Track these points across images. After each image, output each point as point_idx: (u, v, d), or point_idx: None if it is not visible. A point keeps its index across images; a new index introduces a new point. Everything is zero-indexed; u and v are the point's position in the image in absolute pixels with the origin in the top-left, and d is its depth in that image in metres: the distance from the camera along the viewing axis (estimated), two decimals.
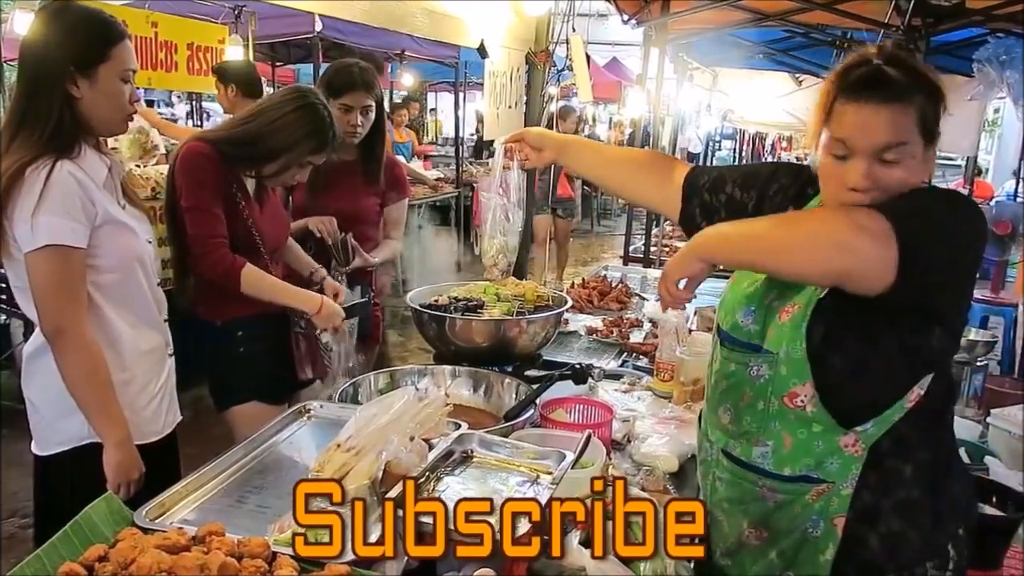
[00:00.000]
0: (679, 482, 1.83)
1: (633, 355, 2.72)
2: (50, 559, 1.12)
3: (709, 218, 1.60)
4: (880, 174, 1.25)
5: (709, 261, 1.32)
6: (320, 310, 2.19)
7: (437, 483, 1.39)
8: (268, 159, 2.18)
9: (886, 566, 1.33)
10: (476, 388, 2.03)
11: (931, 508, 1.34)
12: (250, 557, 1.11)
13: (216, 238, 2.13)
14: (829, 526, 1.33)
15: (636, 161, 1.82)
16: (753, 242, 1.29)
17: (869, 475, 1.32)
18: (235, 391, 2.30)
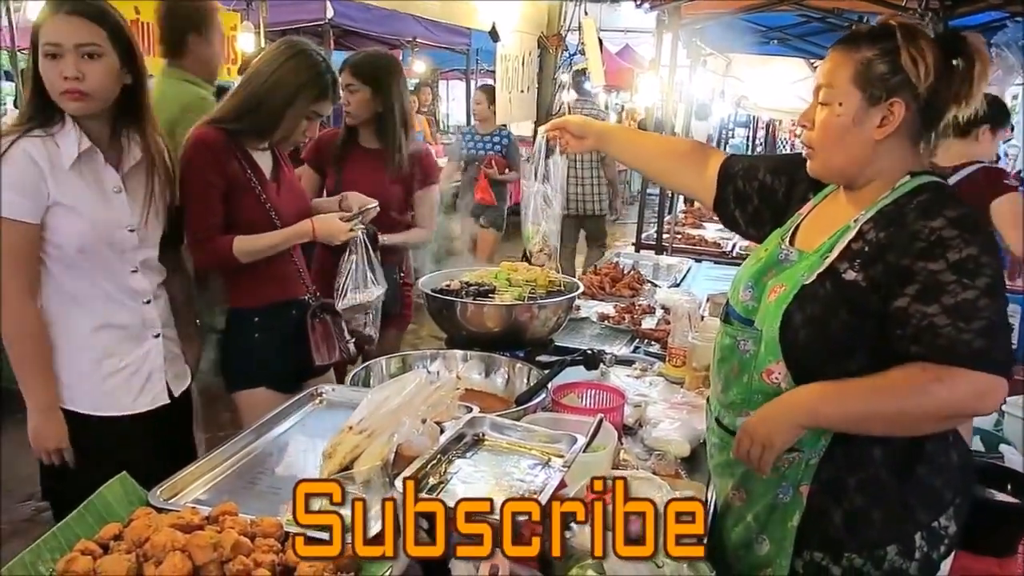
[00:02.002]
0: (691, 467, 1.83)
1: (645, 341, 2.71)
2: (66, 537, 1.14)
3: (742, 205, 1.66)
4: (815, 112, 1.38)
5: (811, 428, 1.35)
6: (314, 231, 2.21)
7: (448, 466, 1.39)
8: (274, 120, 2.17)
9: (847, 542, 1.37)
10: (488, 373, 2.03)
11: (898, 493, 1.36)
12: (263, 536, 1.11)
13: (206, 231, 2.14)
14: (796, 493, 1.39)
15: (674, 150, 1.85)
16: (866, 423, 1.33)
17: (837, 450, 1.36)
18: (245, 376, 2.31)
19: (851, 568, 1.37)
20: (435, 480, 1.32)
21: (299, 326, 2.31)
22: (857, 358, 1.32)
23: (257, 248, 2.18)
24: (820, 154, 1.41)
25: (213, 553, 1.02)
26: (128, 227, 1.85)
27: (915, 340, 1.25)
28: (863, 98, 1.32)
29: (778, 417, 1.35)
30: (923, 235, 1.26)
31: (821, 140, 1.38)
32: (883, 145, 1.34)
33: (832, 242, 1.38)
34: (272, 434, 1.60)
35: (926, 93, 1.30)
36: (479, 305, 2.12)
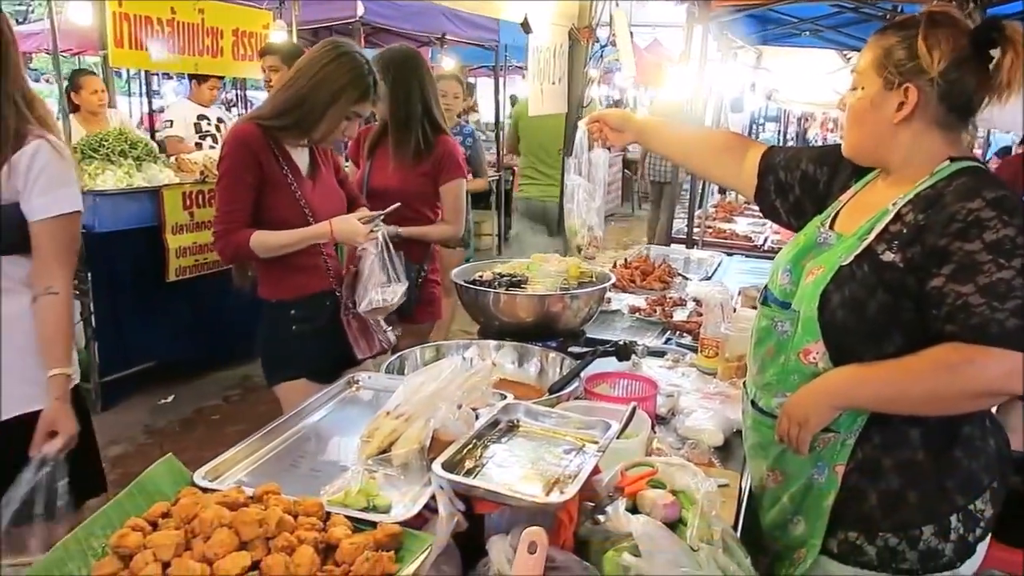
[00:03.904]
0: (724, 456, 1.83)
1: (676, 333, 2.71)
2: (117, 515, 1.17)
3: (783, 195, 1.68)
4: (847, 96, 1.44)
5: (846, 410, 1.38)
6: (333, 232, 2.23)
7: (484, 450, 1.41)
8: (315, 119, 2.21)
9: (882, 522, 1.38)
10: (521, 362, 2.04)
11: (935, 474, 1.37)
12: (305, 515, 1.14)
13: (228, 223, 2.19)
14: (832, 473, 1.41)
15: (714, 142, 1.87)
16: (897, 403, 1.34)
17: (873, 431, 1.38)
18: (285, 368, 2.36)
19: (886, 547, 1.38)
20: (471, 464, 1.34)
21: (334, 318, 2.35)
22: (894, 339, 1.33)
23: (273, 244, 2.22)
24: (846, 136, 1.47)
25: (259, 529, 1.05)
26: None
27: (949, 319, 1.25)
28: (881, 83, 1.36)
29: (813, 399, 1.38)
30: (960, 216, 1.26)
31: (847, 122, 1.45)
32: (903, 129, 1.37)
33: (870, 225, 1.39)
34: (310, 420, 1.63)
35: (942, 80, 1.32)
36: (512, 295, 2.13)
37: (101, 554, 1.11)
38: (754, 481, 1.61)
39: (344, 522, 1.15)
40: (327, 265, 2.38)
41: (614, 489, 1.40)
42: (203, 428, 4.10)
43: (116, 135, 4.28)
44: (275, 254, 2.23)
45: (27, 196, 1.80)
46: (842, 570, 1.42)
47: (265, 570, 1.01)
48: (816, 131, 14.54)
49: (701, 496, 1.33)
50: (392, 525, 1.13)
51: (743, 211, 5.98)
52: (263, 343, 2.39)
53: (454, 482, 1.24)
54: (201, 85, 5.47)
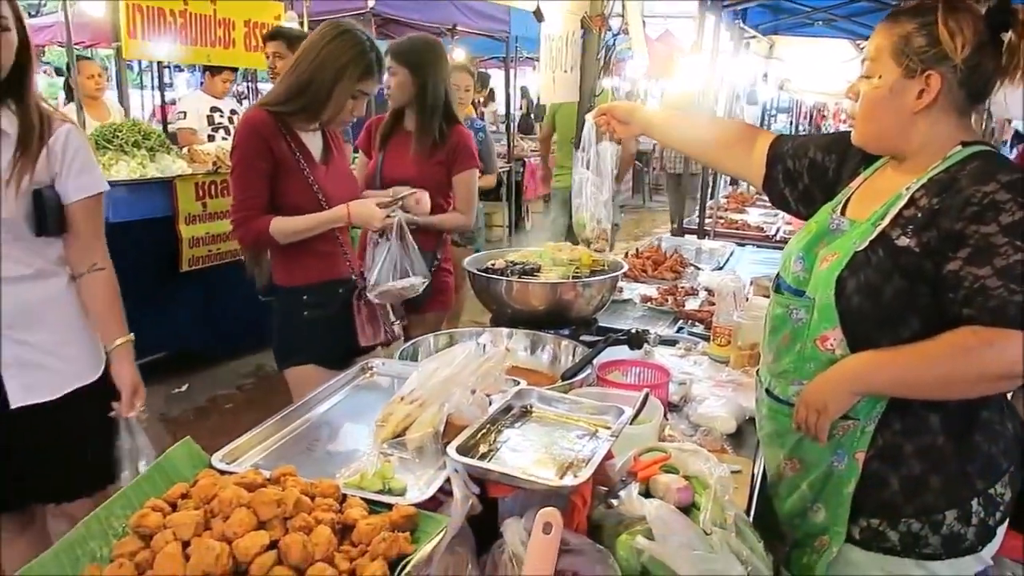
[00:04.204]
0: (736, 443, 1.83)
1: (688, 322, 2.71)
2: (136, 496, 1.19)
3: (791, 183, 1.67)
4: (860, 85, 1.41)
5: (864, 396, 1.39)
6: (350, 215, 2.24)
7: (498, 435, 1.42)
8: (322, 100, 2.21)
9: (904, 507, 1.38)
10: (533, 350, 2.05)
11: (956, 459, 1.37)
12: (322, 496, 1.15)
13: (245, 211, 2.21)
14: (852, 460, 1.41)
15: (722, 132, 1.87)
16: (915, 387, 1.35)
17: (893, 417, 1.38)
18: (295, 353, 2.38)
19: (909, 533, 1.38)
20: (485, 448, 1.35)
21: (347, 306, 2.36)
22: (911, 324, 1.33)
23: (292, 229, 2.23)
24: (861, 125, 1.45)
25: (277, 509, 1.06)
26: None
27: (966, 303, 1.25)
28: (901, 71, 1.35)
29: (832, 386, 1.38)
30: (976, 199, 1.26)
31: (862, 112, 1.42)
32: (924, 117, 1.36)
33: (884, 210, 1.38)
34: (325, 405, 1.64)
35: (964, 66, 1.31)
36: (524, 283, 2.14)
37: (122, 533, 1.13)
38: (770, 469, 1.61)
39: (360, 503, 1.16)
40: (343, 252, 2.39)
41: (627, 474, 1.41)
42: (217, 417, 4.13)
43: (130, 126, 4.30)
44: (294, 239, 2.24)
45: (64, 178, 1.86)
46: (865, 556, 1.43)
47: (283, 549, 1.02)
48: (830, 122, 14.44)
49: (714, 481, 1.33)
50: (408, 507, 1.14)
51: (754, 202, 5.96)
52: (275, 328, 2.42)
53: (469, 465, 1.24)
54: (214, 77, 5.49)
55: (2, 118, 1.76)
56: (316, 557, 1.02)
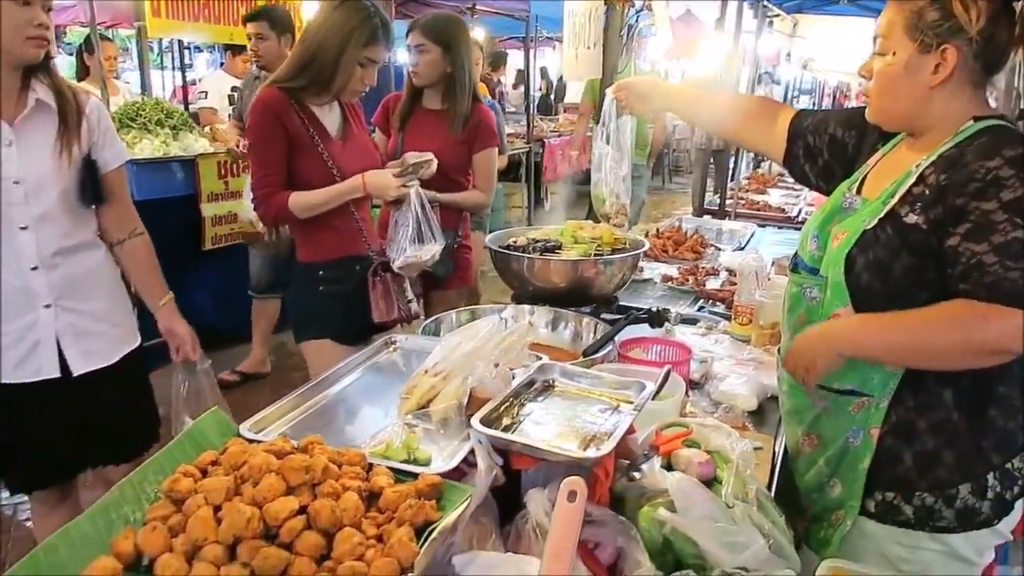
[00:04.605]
0: (757, 421, 1.84)
1: (709, 302, 2.70)
2: (168, 462, 1.22)
3: (812, 159, 1.67)
4: (873, 63, 1.40)
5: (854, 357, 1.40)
6: (365, 186, 2.25)
7: (520, 408, 1.43)
8: (330, 71, 2.21)
9: (918, 482, 1.40)
10: (554, 327, 2.06)
11: (970, 434, 1.37)
12: (348, 465, 1.17)
13: (265, 188, 2.24)
14: (867, 436, 1.43)
15: (743, 108, 1.86)
16: (904, 354, 1.36)
17: (907, 394, 1.39)
18: (311, 327, 2.42)
19: (923, 507, 1.39)
20: (508, 421, 1.37)
21: (363, 283, 2.38)
22: (920, 301, 1.32)
23: (311, 203, 2.25)
24: (876, 102, 1.43)
25: (306, 476, 1.08)
26: (11, 179, 1.79)
27: (963, 278, 1.25)
28: (915, 46, 1.33)
29: (823, 343, 1.40)
30: (979, 175, 1.25)
31: (877, 89, 1.41)
32: (940, 91, 1.34)
33: (894, 188, 1.38)
34: (349, 378, 1.66)
35: (980, 38, 1.29)
36: (546, 260, 2.14)
37: (154, 498, 1.15)
38: (790, 445, 1.62)
39: (386, 472, 1.18)
40: (360, 228, 2.40)
41: (649, 448, 1.42)
42: (239, 393, 4.18)
43: (153, 104, 4.33)
44: (313, 213, 2.26)
45: (100, 148, 1.95)
46: (881, 530, 1.44)
47: (312, 514, 1.04)
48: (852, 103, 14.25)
49: (736, 456, 1.34)
50: (433, 476, 1.16)
51: (776, 183, 5.91)
52: (293, 302, 2.46)
53: (492, 437, 1.26)
54: (235, 57, 5.49)
55: (39, 91, 1.80)
56: (344, 522, 1.04)
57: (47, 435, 1.96)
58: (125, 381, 2.08)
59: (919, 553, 1.41)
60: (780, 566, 1.18)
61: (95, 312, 1.99)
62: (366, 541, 1.02)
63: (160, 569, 1.00)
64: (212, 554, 1.00)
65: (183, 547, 1.03)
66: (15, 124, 1.79)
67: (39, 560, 1.01)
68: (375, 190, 2.27)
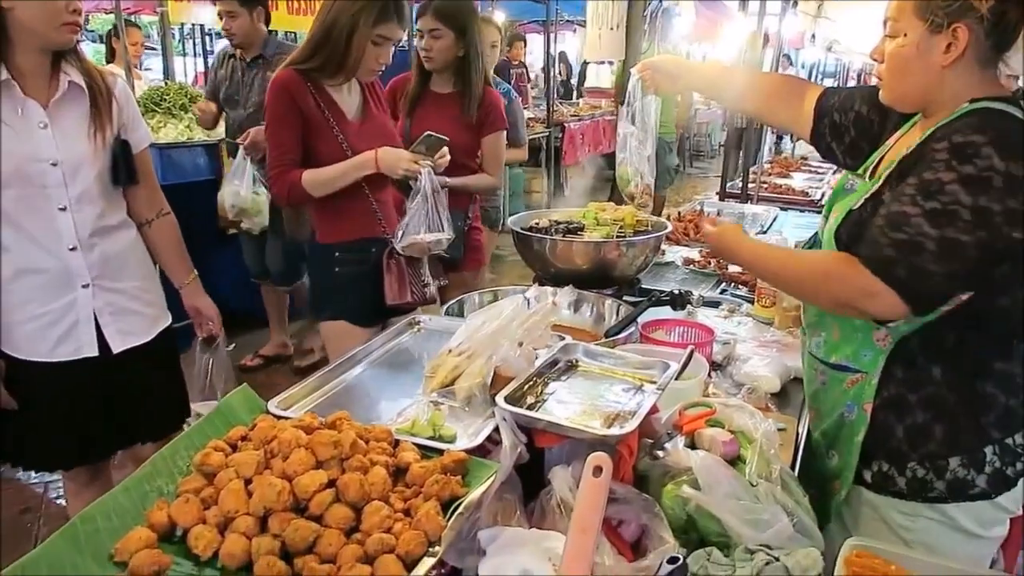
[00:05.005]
0: (781, 402, 1.83)
1: (732, 284, 2.69)
2: (198, 438, 1.24)
3: (838, 137, 1.67)
4: (884, 45, 1.39)
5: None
6: (378, 161, 2.25)
7: (544, 387, 1.44)
8: (343, 52, 2.21)
9: (910, 454, 1.44)
10: (577, 308, 2.06)
11: (962, 408, 1.40)
12: (375, 440, 1.19)
13: (279, 167, 2.25)
14: (861, 411, 1.47)
15: (770, 86, 1.86)
16: (767, 276, 1.61)
17: (897, 370, 1.42)
18: (327, 307, 2.45)
19: (914, 478, 1.44)
20: (532, 400, 1.38)
21: (379, 265, 2.39)
22: None
23: (323, 179, 2.26)
24: (889, 84, 1.44)
25: (334, 450, 1.10)
26: (50, 161, 1.82)
27: (863, 239, 1.33)
28: (926, 27, 1.32)
29: (726, 251, 1.60)
30: (926, 153, 1.29)
31: (889, 71, 1.41)
32: (951, 71, 1.34)
33: (888, 169, 1.41)
34: (373, 357, 1.67)
35: (991, 16, 1.28)
36: (568, 242, 2.14)
37: (186, 472, 1.18)
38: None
39: (413, 448, 1.19)
40: (376, 211, 2.41)
41: (672, 427, 1.42)
42: (262, 375, 4.24)
43: (177, 89, 4.37)
44: (326, 190, 2.26)
45: (130, 129, 1.99)
46: (877, 500, 1.49)
47: (341, 487, 1.06)
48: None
49: (760, 435, 1.34)
50: (459, 452, 1.17)
51: (799, 167, 5.85)
52: (311, 282, 2.48)
53: (517, 414, 1.27)
54: None
55: (70, 73, 1.82)
56: (372, 496, 1.06)
57: (85, 413, 2.01)
58: (158, 359, 2.12)
59: (918, 521, 1.45)
60: (804, 544, 1.18)
61: (130, 291, 2.03)
62: (394, 514, 1.04)
63: (193, 539, 1.02)
64: (244, 525, 1.02)
65: (215, 519, 1.05)
66: (49, 106, 1.82)
67: (77, 529, 1.04)
68: (386, 165, 2.25)
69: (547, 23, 8.75)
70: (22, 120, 1.79)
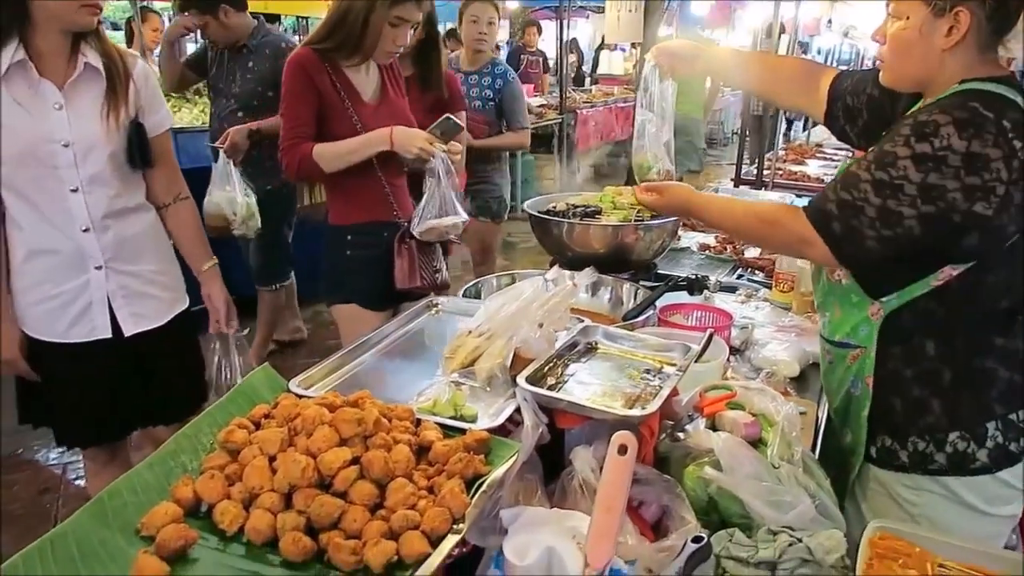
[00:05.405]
0: (800, 387, 1.83)
1: (748, 270, 2.68)
2: (221, 416, 1.25)
3: (851, 119, 1.68)
4: (887, 27, 1.40)
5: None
6: (392, 139, 2.22)
7: (564, 369, 1.44)
8: (360, 32, 2.20)
9: (909, 428, 1.46)
10: (594, 292, 2.05)
11: (960, 383, 1.41)
12: (398, 419, 1.19)
13: (292, 139, 2.23)
14: (864, 385, 1.50)
15: (786, 70, 1.87)
16: (722, 224, 1.69)
17: (893, 345, 1.45)
18: (338, 290, 2.45)
19: (915, 451, 1.46)
20: (552, 381, 1.38)
21: (391, 249, 2.39)
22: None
23: (335, 152, 2.24)
24: (889, 66, 1.44)
25: (358, 428, 1.10)
26: (62, 142, 1.82)
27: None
28: (929, 10, 1.32)
29: (676, 209, 1.79)
30: (894, 128, 1.33)
31: (890, 53, 1.42)
32: (951, 54, 1.35)
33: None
34: (391, 339, 1.67)
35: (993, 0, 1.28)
36: (585, 226, 2.13)
37: (210, 449, 1.18)
38: None
39: (435, 427, 1.19)
40: (388, 194, 2.40)
41: (693, 409, 1.42)
42: (278, 358, 4.25)
43: None
44: (338, 164, 2.25)
45: (148, 112, 1.97)
46: (883, 476, 1.51)
47: (365, 464, 1.06)
48: None
49: (781, 418, 1.34)
50: (481, 431, 1.17)
51: (814, 154, 5.80)
52: (324, 265, 2.48)
53: (538, 395, 1.27)
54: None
55: (88, 55, 1.82)
56: (396, 473, 1.06)
57: (99, 393, 2.02)
58: (174, 343, 2.12)
59: (923, 495, 1.46)
60: (827, 527, 1.18)
61: (145, 274, 2.03)
62: (418, 491, 1.04)
63: (219, 515, 1.03)
64: (269, 501, 1.03)
65: (240, 495, 1.05)
66: (64, 87, 1.82)
67: (104, 504, 1.04)
68: (400, 144, 2.23)
69: (559, 9, 8.69)
70: (37, 101, 1.80)
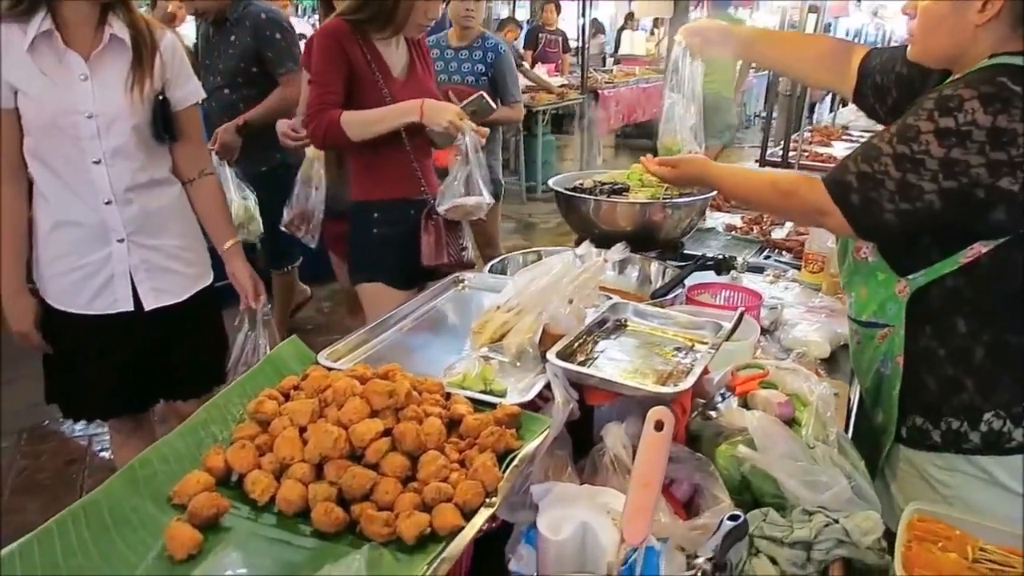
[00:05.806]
0: (831, 368, 1.80)
1: (775, 251, 2.64)
2: (251, 386, 1.24)
3: (881, 98, 1.65)
4: (919, 3, 1.36)
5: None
6: (423, 112, 2.19)
7: (594, 346, 1.42)
8: (392, 5, 2.19)
9: (943, 407, 1.42)
10: (622, 269, 2.03)
11: (993, 361, 1.37)
12: (428, 392, 1.18)
13: (320, 104, 2.20)
14: (894, 364, 1.47)
15: (817, 49, 1.84)
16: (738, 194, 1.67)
17: (924, 323, 1.41)
18: (364, 269, 2.43)
19: (949, 430, 1.42)
20: (582, 357, 1.36)
21: (417, 226, 2.37)
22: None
23: (363, 119, 2.21)
24: (920, 41, 1.40)
25: (389, 400, 1.09)
26: (85, 113, 1.81)
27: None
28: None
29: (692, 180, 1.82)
30: (918, 102, 1.29)
31: (922, 27, 1.37)
32: (983, 30, 1.30)
33: None
34: (417, 314, 1.66)
35: None
36: (612, 203, 2.10)
37: (239, 420, 1.18)
38: None
39: (465, 401, 1.18)
40: (416, 171, 2.38)
41: (725, 388, 1.40)
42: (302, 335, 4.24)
43: None
44: (365, 133, 2.22)
45: (175, 85, 1.95)
46: (915, 456, 1.47)
47: (397, 436, 1.05)
48: None
49: (815, 398, 1.32)
50: (512, 406, 1.15)
51: (840, 136, 5.70)
52: (349, 243, 2.46)
53: (568, 371, 1.25)
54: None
55: (114, 26, 1.81)
56: (428, 446, 1.05)
57: (121, 366, 2.03)
58: (197, 318, 2.12)
59: (955, 476, 1.42)
60: (862, 508, 1.16)
61: (168, 249, 2.02)
62: (450, 464, 1.03)
63: (251, 484, 1.02)
64: (300, 472, 1.02)
65: (271, 465, 1.05)
66: (90, 58, 1.81)
67: (136, 472, 1.04)
68: (430, 116, 2.20)
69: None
70: (63, 71, 1.79)
